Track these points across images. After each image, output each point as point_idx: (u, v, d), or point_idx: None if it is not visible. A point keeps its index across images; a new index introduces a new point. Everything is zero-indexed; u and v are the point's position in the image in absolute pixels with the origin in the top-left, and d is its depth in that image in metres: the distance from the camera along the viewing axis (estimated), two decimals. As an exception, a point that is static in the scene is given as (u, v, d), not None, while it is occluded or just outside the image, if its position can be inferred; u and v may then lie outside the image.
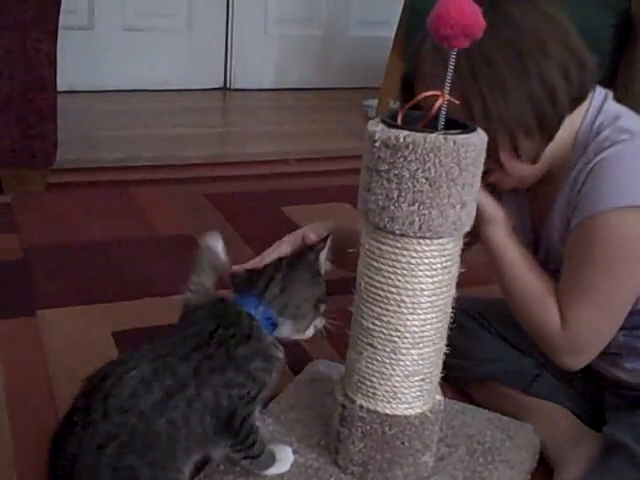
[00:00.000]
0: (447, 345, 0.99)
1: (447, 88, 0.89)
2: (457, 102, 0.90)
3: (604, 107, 1.03)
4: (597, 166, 0.98)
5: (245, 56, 3.52)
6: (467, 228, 0.93)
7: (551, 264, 1.09)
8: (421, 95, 0.91)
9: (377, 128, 0.89)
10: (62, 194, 2.07)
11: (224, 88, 3.56)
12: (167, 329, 0.97)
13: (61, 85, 2.04)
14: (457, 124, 0.91)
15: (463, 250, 0.95)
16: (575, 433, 1.13)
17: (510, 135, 0.99)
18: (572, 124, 1.03)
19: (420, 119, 0.91)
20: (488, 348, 1.26)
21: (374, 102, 2.96)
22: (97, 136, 2.67)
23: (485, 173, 0.93)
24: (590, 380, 1.20)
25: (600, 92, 1.05)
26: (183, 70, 3.44)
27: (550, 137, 1.01)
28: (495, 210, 1.03)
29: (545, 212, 1.09)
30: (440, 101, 0.88)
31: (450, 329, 0.98)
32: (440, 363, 1.00)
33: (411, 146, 0.85)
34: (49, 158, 2.00)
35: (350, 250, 0.96)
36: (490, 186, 1.05)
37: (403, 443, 0.99)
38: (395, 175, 0.87)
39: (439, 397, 1.02)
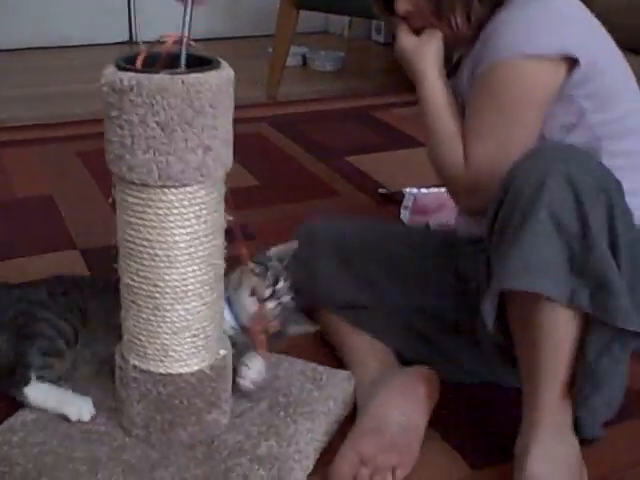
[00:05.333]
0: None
1: (186, 29, 0.84)
2: (193, 43, 0.85)
3: None
4: (503, 19, 1.03)
5: (149, 8, 3.39)
6: (217, 174, 0.87)
7: None
8: (163, 37, 0.85)
9: (106, 71, 0.82)
10: None
11: (130, 42, 3.44)
12: None
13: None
14: (205, 62, 0.85)
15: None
16: (377, 374, 1.09)
17: None
18: None
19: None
20: (326, 279, 1.22)
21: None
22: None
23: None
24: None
25: None
26: (86, 25, 3.31)
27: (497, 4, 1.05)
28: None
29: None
30: (173, 38, 0.82)
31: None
32: (217, 317, 0.96)
33: (135, 88, 0.80)
34: None
35: None
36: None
37: (182, 402, 0.95)
38: (125, 121, 0.81)
39: (223, 352, 0.98)
